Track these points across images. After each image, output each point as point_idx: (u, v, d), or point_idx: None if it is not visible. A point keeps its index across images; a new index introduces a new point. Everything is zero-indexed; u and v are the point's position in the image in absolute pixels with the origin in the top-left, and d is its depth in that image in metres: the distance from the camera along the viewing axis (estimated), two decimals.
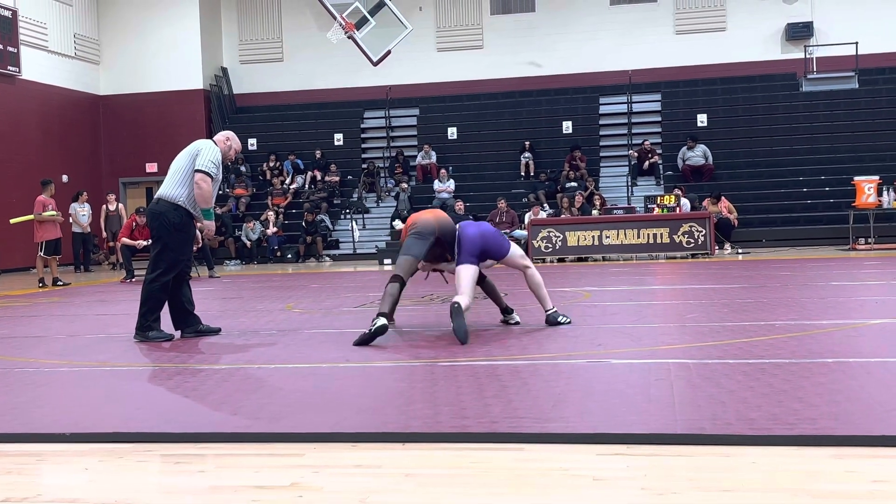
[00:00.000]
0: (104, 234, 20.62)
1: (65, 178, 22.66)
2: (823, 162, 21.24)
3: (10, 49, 21.32)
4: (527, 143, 22.57)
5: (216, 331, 7.22)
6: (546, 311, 6.98)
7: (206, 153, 6.91)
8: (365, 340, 6.22)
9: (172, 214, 6.90)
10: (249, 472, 3.36)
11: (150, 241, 7.30)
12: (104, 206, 20.43)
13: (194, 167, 6.88)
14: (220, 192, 23.72)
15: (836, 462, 3.20)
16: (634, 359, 5.38)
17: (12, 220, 16.32)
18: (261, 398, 4.61)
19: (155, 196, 7.20)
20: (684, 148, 21.47)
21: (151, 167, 24.70)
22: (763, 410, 3.86)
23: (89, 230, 19.87)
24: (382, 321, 6.26)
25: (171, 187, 6.96)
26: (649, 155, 21.83)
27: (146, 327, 6.91)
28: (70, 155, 23.49)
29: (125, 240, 15.61)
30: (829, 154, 21.42)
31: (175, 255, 6.93)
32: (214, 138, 7.28)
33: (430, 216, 6.94)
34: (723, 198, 18.76)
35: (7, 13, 21.22)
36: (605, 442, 3.53)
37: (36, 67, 22.32)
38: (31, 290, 14.04)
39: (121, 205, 21.12)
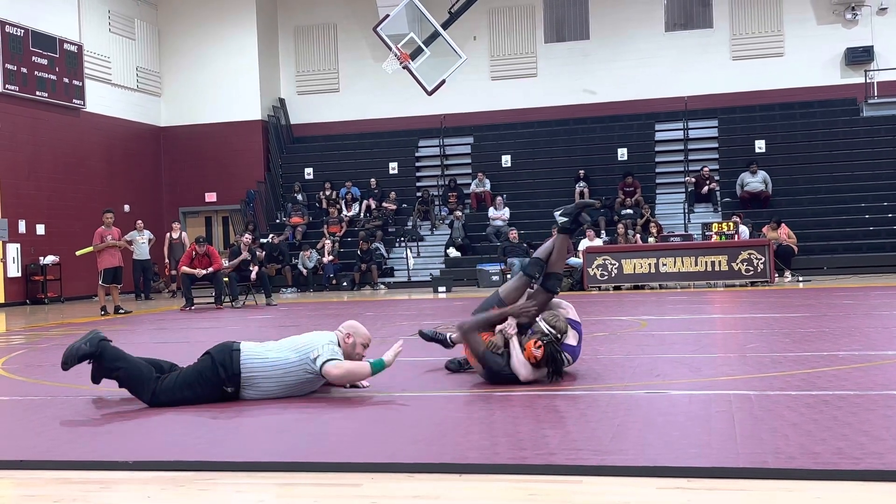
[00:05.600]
0: (167, 261, 20.99)
1: (126, 207, 23.20)
2: (886, 188, 20.80)
3: (76, 83, 21.92)
4: (581, 171, 22.48)
5: None
6: None
7: None
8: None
9: None
10: (308, 501, 3.38)
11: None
12: (168, 234, 20.84)
13: None
14: (277, 221, 24.07)
15: None
16: (694, 390, 5.30)
17: (77, 252, 16.84)
18: (318, 427, 4.64)
19: None
20: (745, 173, 21.18)
21: (210, 196, 25.15)
22: (828, 444, 3.77)
23: (148, 257, 20.23)
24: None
25: None
26: (707, 182, 21.59)
27: None
28: (132, 185, 24.03)
29: (185, 268, 15.89)
30: (891, 180, 20.97)
31: None
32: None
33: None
34: (783, 224, 18.47)
35: (73, 48, 21.85)
36: (665, 475, 3.48)
37: (99, 100, 22.91)
38: (93, 318, 14.32)
39: (184, 233, 21.52)
